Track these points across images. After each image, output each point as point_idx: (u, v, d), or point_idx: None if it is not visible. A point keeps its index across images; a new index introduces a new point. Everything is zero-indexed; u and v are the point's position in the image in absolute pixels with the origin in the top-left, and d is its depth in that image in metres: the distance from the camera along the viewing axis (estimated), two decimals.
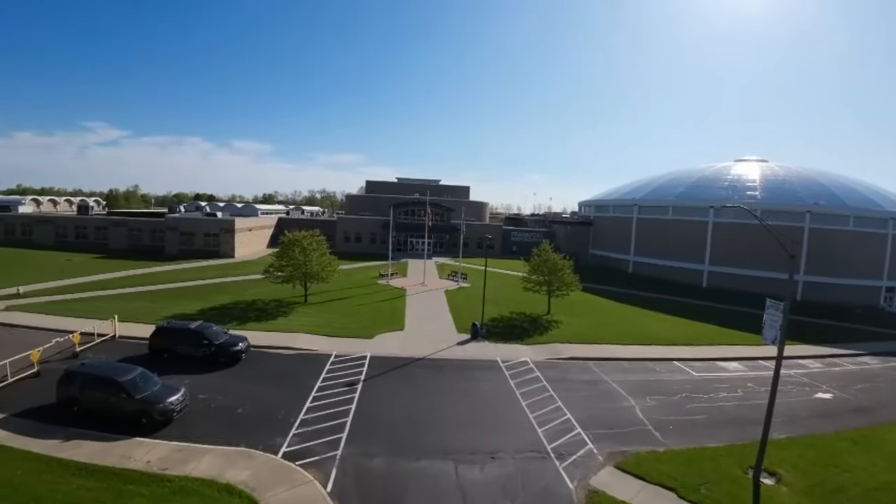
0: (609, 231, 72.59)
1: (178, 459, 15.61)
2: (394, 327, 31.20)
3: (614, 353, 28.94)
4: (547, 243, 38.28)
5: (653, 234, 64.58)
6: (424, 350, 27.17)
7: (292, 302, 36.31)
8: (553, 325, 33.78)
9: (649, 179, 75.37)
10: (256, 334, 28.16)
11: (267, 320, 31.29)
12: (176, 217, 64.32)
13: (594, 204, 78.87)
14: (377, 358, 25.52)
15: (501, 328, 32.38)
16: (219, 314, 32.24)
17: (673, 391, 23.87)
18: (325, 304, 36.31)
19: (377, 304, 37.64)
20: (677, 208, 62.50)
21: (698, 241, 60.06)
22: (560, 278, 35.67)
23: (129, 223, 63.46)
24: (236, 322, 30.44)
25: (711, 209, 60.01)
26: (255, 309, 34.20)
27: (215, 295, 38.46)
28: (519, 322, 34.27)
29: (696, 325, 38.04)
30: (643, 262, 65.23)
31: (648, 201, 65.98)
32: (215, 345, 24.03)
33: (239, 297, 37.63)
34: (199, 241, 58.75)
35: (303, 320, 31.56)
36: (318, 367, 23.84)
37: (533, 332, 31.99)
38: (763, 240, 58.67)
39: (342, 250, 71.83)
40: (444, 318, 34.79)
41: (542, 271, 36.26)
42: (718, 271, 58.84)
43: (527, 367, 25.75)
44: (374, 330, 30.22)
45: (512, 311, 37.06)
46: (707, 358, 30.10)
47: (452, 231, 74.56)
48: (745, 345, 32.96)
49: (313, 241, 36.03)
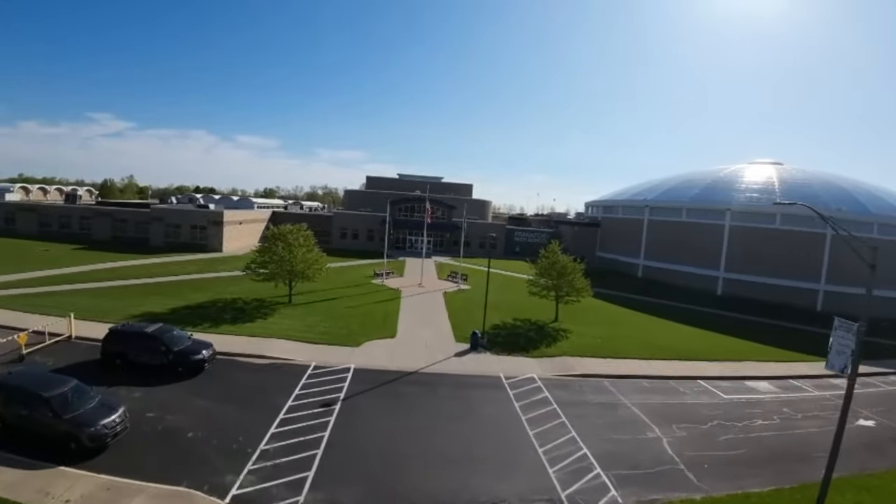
0: (618, 233, 69.21)
1: (103, 500, 12.52)
2: (384, 334, 27.95)
3: (632, 370, 25.68)
4: (556, 244, 34.88)
5: (665, 237, 61.22)
6: (417, 362, 23.92)
7: (275, 302, 33.12)
8: (562, 335, 30.50)
9: (660, 181, 71.99)
10: (228, 339, 25.02)
11: (243, 322, 28.11)
12: (161, 207, 61.13)
13: (602, 204, 75.47)
14: (362, 371, 22.28)
15: (504, 337, 29.12)
16: (191, 314, 29.12)
17: (702, 418, 20.65)
18: (311, 306, 33.08)
19: (369, 306, 34.38)
20: (692, 210, 59.09)
21: (714, 245, 56.72)
22: (570, 283, 32.35)
23: (114, 213, 60.36)
24: (209, 324, 27.30)
25: (728, 212, 56.73)
26: (233, 309, 31.03)
27: (193, 292, 35.33)
28: (524, 330, 30.99)
29: (717, 338, 34.84)
30: (654, 266, 61.87)
31: (661, 202, 62.59)
32: (174, 352, 20.85)
33: (218, 295, 34.49)
34: (185, 234, 55.59)
35: (283, 323, 28.36)
36: (292, 380, 20.62)
37: (540, 342, 28.72)
38: (784, 246, 56.14)
39: (338, 247, 68.77)
40: (441, 323, 31.54)
41: (549, 275, 32.93)
42: (735, 279, 55.55)
43: (533, 385, 22.48)
44: (361, 336, 26.98)
45: (516, 318, 33.78)
46: (735, 377, 26.98)
47: (453, 229, 71.30)
48: (773, 361, 29.93)
49: (300, 235, 32.79)
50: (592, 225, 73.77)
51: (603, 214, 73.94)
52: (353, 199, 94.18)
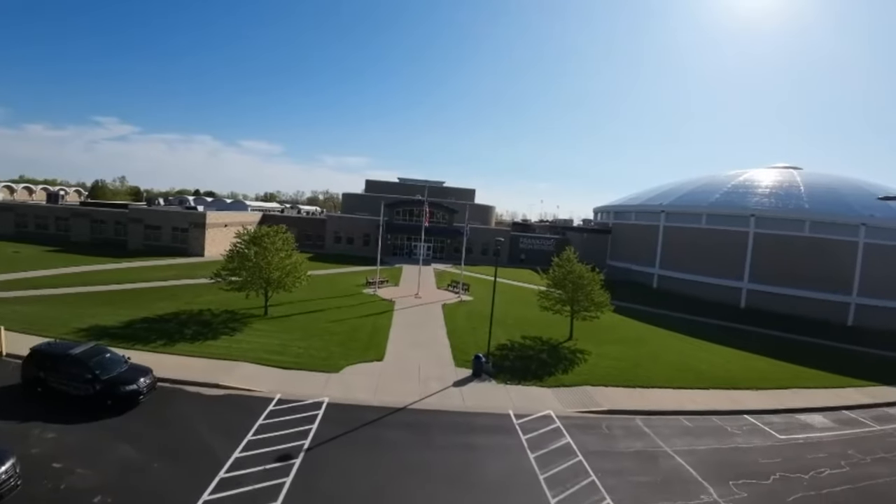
0: (630, 240, 64.86)
1: None
2: (369, 356, 23.58)
3: (667, 403, 21.32)
4: (571, 251, 30.47)
5: (682, 244, 56.87)
6: (407, 394, 19.57)
7: (248, 315, 28.90)
8: (579, 358, 26.14)
9: (675, 185, 67.78)
10: (181, 361, 20.81)
11: (205, 339, 23.87)
12: (140, 208, 57.05)
13: (613, 210, 71.13)
14: (337, 407, 17.94)
15: (513, 360, 24.76)
16: (147, 328, 24.94)
17: (762, 470, 16.36)
18: (289, 320, 28.77)
19: (355, 320, 30.00)
20: (713, 216, 54.75)
21: (736, 254, 52.40)
22: (588, 296, 28.01)
23: (92, 214, 56.33)
24: (163, 341, 23.10)
25: (752, 217, 52.48)
26: (197, 322, 26.82)
27: (159, 301, 31.20)
28: (535, 352, 26.61)
29: (751, 359, 30.52)
30: (670, 276, 57.46)
31: (678, 207, 58.29)
32: (102, 380, 16.69)
33: (186, 306, 30.33)
34: (165, 236, 51.45)
35: (252, 341, 24.08)
36: (246, 420, 16.33)
37: (554, 366, 24.37)
38: (813, 255, 51.75)
39: (332, 252, 64.71)
40: (439, 342, 27.17)
41: (564, 286, 28.58)
42: (759, 290, 51.20)
43: (551, 426, 18.09)
44: (342, 360, 22.65)
45: (525, 336, 29.44)
46: (783, 409, 22.77)
47: (455, 235, 67.06)
48: (820, 387, 25.82)
49: (277, 238, 28.60)
50: (603, 231, 69.39)
51: (614, 220, 69.59)
52: (351, 203, 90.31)
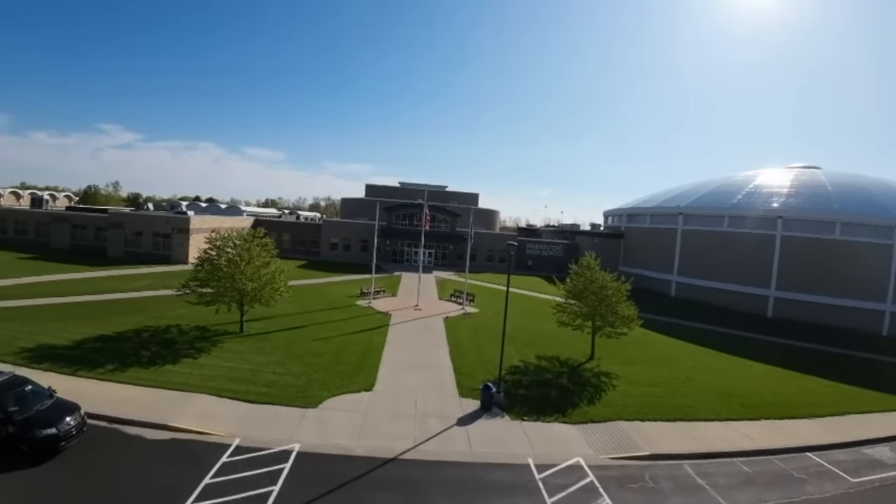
0: (645, 245, 61.00)
1: None
2: (357, 384, 19.64)
3: (717, 442, 17.41)
4: (591, 256, 26.59)
5: (703, 249, 53.00)
6: (400, 437, 15.67)
7: (221, 332, 25.16)
8: (605, 383, 22.21)
9: (692, 186, 63.93)
10: (128, 392, 17.12)
11: (164, 363, 20.14)
12: (121, 212, 53.67)
13: (626, 213, 67.28)
14: (310, 457, 14.05)
15: (528, 387, 20.85)
16: (100, 349, 21.28)
17: None
18: (267, 338, 24.92)
19: (344, 338, 26.13)
20: (736, 219, 50.94)
21: (762, 259, 48.52)
22: (612, 309, 24.14)
23: (73, 219, 52.94)
24: (114, 365, 19.42)
25: (780, 220, 48.63)
26: (159, 341, 23.11)
27: (125, 315, 27.58)
28: (553, 376, 22.68)
29: (794, 378, 26.82)
30: (689, 283, 53.54)
31: (698, 209, 54.44)
32: (16, 420, 13.07)
33: (154, 320, 26.69)
34: (147, 243, 47.91)
35: (218, 366, 20.29)
36: (190, 477, 12.51)
37: (578, 395, 20.45)
38: (845, 260, 47.82)
39: (328, 259, 61.06)
40: (441, 365, 23.25)
41: (585, 298, 24.71)
42: (788, 298, 47.37)
43: (583, 481, 14.08)
44: (323, 389, 18.78)
45: (539, 356, 25.54)
46: (847, 443, 19.00)
47: (458, 240, 63.39)
48: (878, 411, 22.16)
49: (253, 245, 24.88)
50: (615, 236, 65.52)
51: (627, 224, 65.74)
52: (350, 208, 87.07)
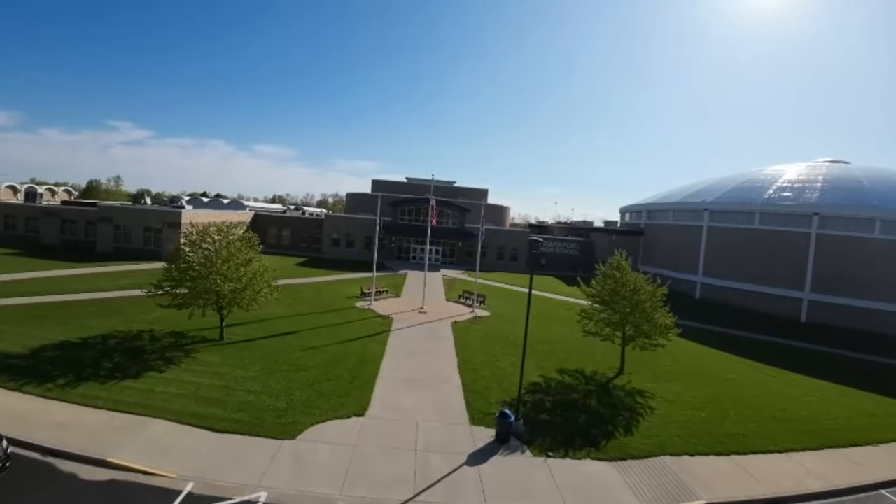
0: (667, 243, 57.29)
1: None
2: (347, 407, 16.41)
3: (781, 481, 14.06)
4: (621, 255, 23.16)
5: (730, 248, 49.26)
6: (396, 483, 12.40)
7: (199, 338, 22.21)
8: (640, 404, 18.86)
9: (716, 181, 60.03)
10: (75, 413, 14.21)
11: (122, 378, 17.18)
12: (110, 206, 51.04)
13: (645, 209, 63.52)
14: None
15: (551, 410, 17.53)
16: (58, 357, 18.42)
17: None
18: (249, 347, 21.86)
19: (338, 347, 22.93)
20: (767, 215, 47.12)
21: (796, 259, 44.74)
22: (648, 317, 20.77)
23: (63, 213, 50.59)
24: (67, 378, 16.53)
25: (816, 217, 44.78)
26: (126, 349, 20.20)
27: (97, 318, 24.81)
28: (579, 395, 19.31)
29: (847, 395, 23.56)
30: (715, 284, 49.84)
31: (725, 205, 50.63)
32: None
33: (125, 325, 23.84)
34: (136, 238, 45.31)
35: (186, 382, 17.27)
36: None
37: (611, 420, 17.11)
38: (889, 260, 43.97)
39: (330, 256, 58.19)
40: (448, 381, 19.95)
41: (615, 304, 21.33)
42: (823, 301, 43.57)
43: None
44: (305, 413, 15.59)
45: (561, 369, 22.21)
46: None
47: (467, 237, 60.20)
48: None
49: (233, 240, 21.79)
50: (633, 233, 61.82)
51: (646, 221, 62.00)
52: (355, 204, 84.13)
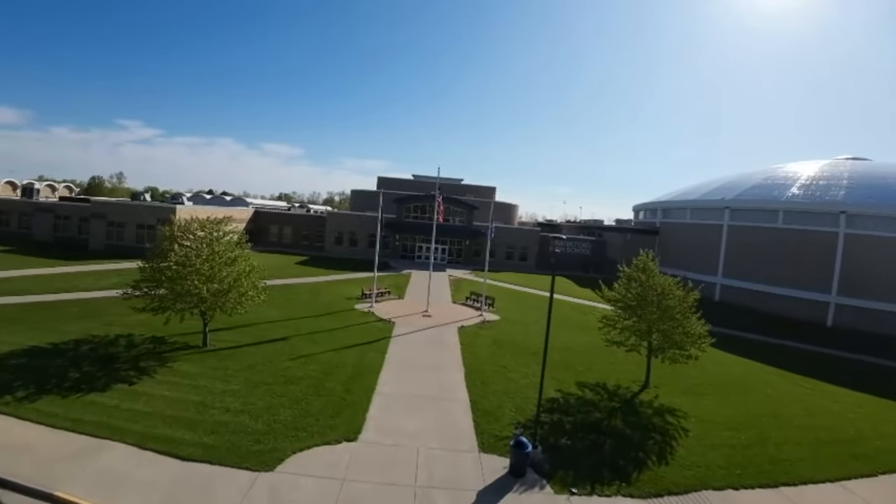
0: (684, 243, 54.69)
1: None
2: (336, 430, 14.15)
3: None
4: (648, 256, 20.87)
5: (752, 248, 46.70)
6: None
7: (182, 344, 20.23)
8: (672, 425, 16.53)
9: (735, 178, 57.36)
10: (26, 434, 12.22)
11: (88, 391, 15.19)
12: (102, 202, 49.45)
13: (661, 207, 60.93)
14: None
15: (573, 434, 15.20)
16: (22, 366, 16.53)
17: None
18: (234, 355, 19.76)
19: (332, 356, 20.71)
20: (792, 214, 44.51)
21: (822, 260, 42.15)
22: (679, 325, 18.46)
23: (56, 209, 49.10)
24: (27, 390, 14.59)
25: (843, 216, 42.15)
26: (98, 357, 18.23)
27: (73, 321, 22.97)
28: (603, 414, 16.98)
29: (889, 406, 21.63)
30: (736, 286, 47.30)
31: (747, 203, 48.05)
32: None
33: (102, 329, 22.00)
34: (129, 235, 43.63)
35: (158, 396, 15.24)
36: None
37: (641, 446, 14.80)
38: None
39: (332, 255, 56.22)
40: (453, 398, 17.63)
41: (643, 310, 19.03)
42: (852, 304, 40.97)
43: None
44: (288, 438, 13.42)
45: (581, 383, 19.92)
46: None
47: (475, 235, 57.99)
48: None
49: (217, 239, 19.76)
50: (649, 232, 59.26)
51: (662, 219, 59.44)
52: (359, 201, 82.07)
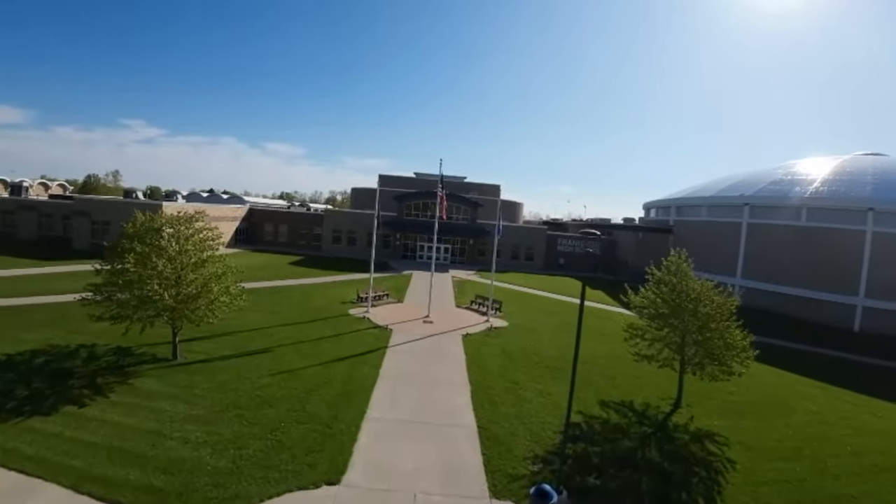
0: (700, 242, 51.74)
1: None
2: (316, 469, 11.59)
3: None
4: (680, 257, 18.38)
5: (773, 247, 44.04)
6: None
7: (150, 356, 17.82)
8: (715, 456, 13.99)
9: (753, 174, 54.57)
10: None
11: (30, 415, 12.80)
12: (86, 199, 47.09)
13: (674, 204, 58.18)
14: None
15: (602, 469, 12.63)
16: None
17: None
18: (206, 369, 17.28)
19: (318, 371, 18.14)
20: (816, 211, 41.87)
21: (849, 260, 39.54)
22: (720, 335, 15.92)
23: (40, 207, 47.00)
24: None
25: (871, 213, 39.51)
26: (50, 372, 15.85)
27: (34, 329, 20.61)
28: (633, 442, 14.37)
29: None
30: (756, 288, 44.56)
31: (768, 199, 45.39)
32: None
33: (63, 337, 19.62)
34: (114, 233, 41.15)
35: (109, 421, 12.81)
36: None
37: (683, 484, 12.30)
38: None
39: (330, 255, 53.88)
40: (457, 423, 15.01)
41: (677, 318, 16.49)
42: (881, 308, 38.37)
43: None
44: (255, 480, 10.89)
45: (603, 401, 17.37)
46: None
47: (479, 234, 55.54)
48: None
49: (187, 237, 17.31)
50: (661, 230, 56.54)
51: (676, 217, 56.69)
52: (360, 199, 79.66)
